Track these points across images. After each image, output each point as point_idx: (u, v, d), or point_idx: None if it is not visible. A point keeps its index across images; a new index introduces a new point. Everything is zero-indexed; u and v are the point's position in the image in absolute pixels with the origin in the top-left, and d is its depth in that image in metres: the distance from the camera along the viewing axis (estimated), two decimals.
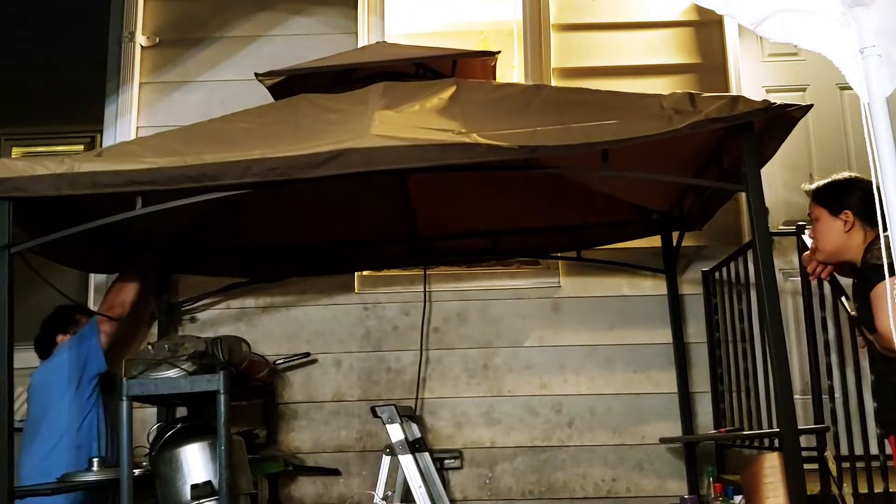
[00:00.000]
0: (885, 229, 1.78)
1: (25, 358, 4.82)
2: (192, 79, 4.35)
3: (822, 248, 2.76)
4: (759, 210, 2.53)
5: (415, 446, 3.49)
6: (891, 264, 1.94)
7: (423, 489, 3.32)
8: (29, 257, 2.83)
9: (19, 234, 2.67)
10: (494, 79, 3.69)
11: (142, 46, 4.34)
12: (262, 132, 2.83)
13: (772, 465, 2.94)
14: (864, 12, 1.85)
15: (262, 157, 2.47)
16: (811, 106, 2.65)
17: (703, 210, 3.54)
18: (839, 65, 1.92)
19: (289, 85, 3.38)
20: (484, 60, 3.56)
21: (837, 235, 2.69)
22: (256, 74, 3.39)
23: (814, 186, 2.79)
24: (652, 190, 3.67)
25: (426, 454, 3.65)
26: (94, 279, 4.28)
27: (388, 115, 2.73)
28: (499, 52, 3.55)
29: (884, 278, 2.35)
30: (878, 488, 3.05)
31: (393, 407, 3.44)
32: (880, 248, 2.32)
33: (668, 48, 4.39)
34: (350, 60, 3.51)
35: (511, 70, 4.86)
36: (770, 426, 3.33)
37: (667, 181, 2.81)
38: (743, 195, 2.88)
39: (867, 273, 2.54)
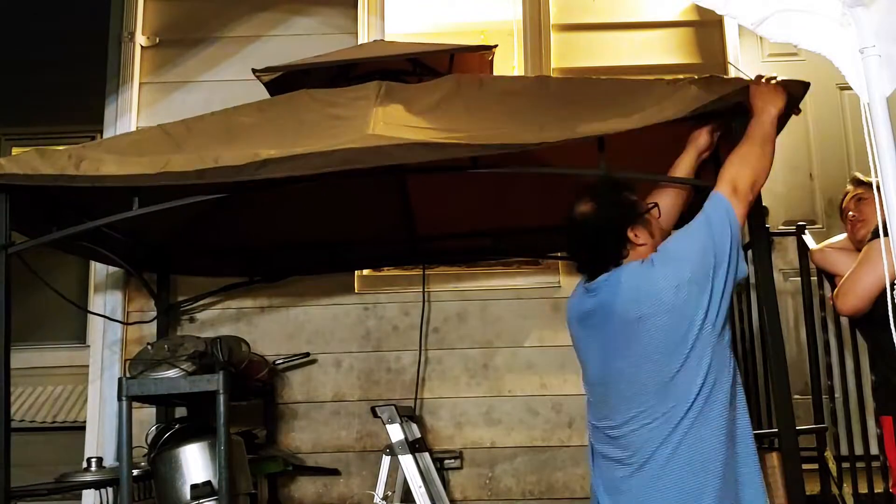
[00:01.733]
0: (885, 230, 1.78)
1: (24, 358, 4.88)
2: (192, 79, 4.34)
3: None
4: (755, 209, 2.52)
5: (415, 446, 3.48)
6: (891, 264, 1.94)
7: (423, 489, 3.32)
8: (26, 257, 2.83)
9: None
10: (491, 73, 3.65)
11: (142, 46, 4.33)
12: (264, 128, 2.82)
13: (770, 466, 2.93)
14: (864, 12, 1.85)
15: (260, 159, 2.46)
16: (808, 84, 2.55)
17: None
18: (839, 65, 1.92)
19: (286, 81, 3.37)
20: (481, 55, 3.53)
21: None
22: (254, 70, 3.38)
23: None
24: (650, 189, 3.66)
25: (426, 454, 3.65)
26: (94, 277, 4.28)
27: (388, 114, 2.72)
28: (495, 45, 3.53)
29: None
30: (879, 488, 3.06)
31: (393, 407, 3.43)
32: None
33: (668, 48, 4.38)
34: (347, 57, 3.50)
35: (511, 70, 4.86)
36: (771, 426, 3.33)
37: (662, 182, 2.79)
38: None
39: None
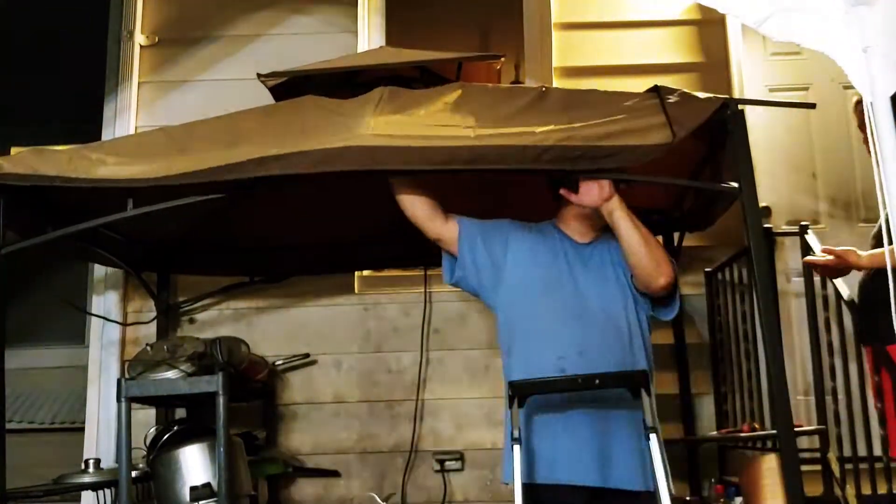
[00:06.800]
0: (888, 229, 1.77)
1: (23, 358, 4.86)
2: (192, 78, 4.33)
3: None
4: (754, 210, 2.49)
5: None
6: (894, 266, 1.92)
7: None
8: (25, 257, 2.82)
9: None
10: (499, 82, 3.66)
11: (141, 45, 4.32)
12: (267, 132, 2.81)
13: (770, 467, 2.93)
14: (867, 11, 1.85)
15: (257, 158, 2.45)
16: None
17: (704, 211, 3.51)
18: (842, 64, 1.91)
19: (291, 86, 3.36)
20: (489, 63, 3.52)
21: None
22: (259, 75, 3.37)
23: None
24: (650, 190, 3.65)
25: None
26: (95, 276, 4.26)
27: (389, 117, 2.71)
28: (503, 55, 3.53)
29: None
30: (882, 490, 3.05)
31: None
32: None
33: (670, 47, 4.36)
34: (353, 63, 3.49)
35: (511, 69, 4.84)
36: (774, 427, 3.31)
37: (659, 183, 2.77)
38: None
39: None
